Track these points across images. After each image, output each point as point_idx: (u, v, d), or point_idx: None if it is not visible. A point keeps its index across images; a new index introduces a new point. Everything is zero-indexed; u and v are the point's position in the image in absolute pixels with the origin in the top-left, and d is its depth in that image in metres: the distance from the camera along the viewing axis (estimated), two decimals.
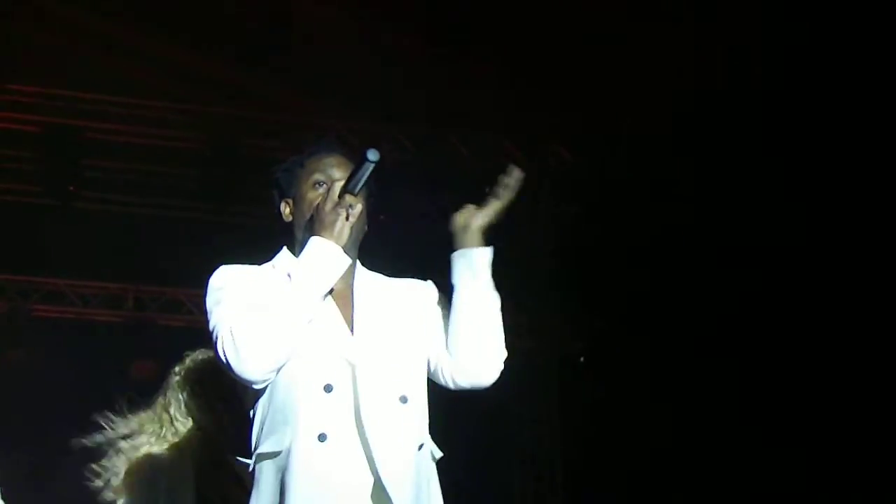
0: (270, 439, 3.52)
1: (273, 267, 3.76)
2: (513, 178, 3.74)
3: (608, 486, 10.23)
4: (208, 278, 3.69)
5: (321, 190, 3.71)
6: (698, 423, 9.38)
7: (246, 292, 3.56)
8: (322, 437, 3.44)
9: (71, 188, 10.23)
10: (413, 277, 3.89)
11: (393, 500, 3.43)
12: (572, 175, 10.82)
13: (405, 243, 3.84)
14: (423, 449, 3.59)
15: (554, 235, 10.81)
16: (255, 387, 3.50)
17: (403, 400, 3.57)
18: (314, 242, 3.54)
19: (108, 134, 10.31)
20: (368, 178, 3.57)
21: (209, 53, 9.91)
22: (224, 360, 3.44)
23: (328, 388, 3.49)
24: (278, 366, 3.46)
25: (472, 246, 3.70)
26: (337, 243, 3.53)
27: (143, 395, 5.42)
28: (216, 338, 3.48)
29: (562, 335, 10.91)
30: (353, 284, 3.72)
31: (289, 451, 3.46)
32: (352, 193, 3.56)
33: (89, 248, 10.62)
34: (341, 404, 3.49)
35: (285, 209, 3.82)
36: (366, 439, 3.46)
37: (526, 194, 3.73)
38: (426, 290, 3.84)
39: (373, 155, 3.51)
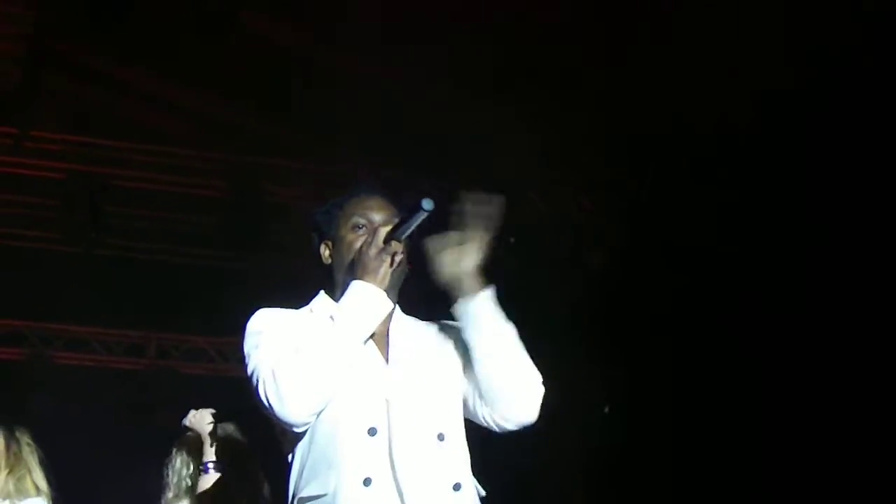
0: (313, 483, 3.47)
1: (311, 311, 3.73)
2: (482, 205, 3.58)
3: None
4: (245, 322, 3.70)
5: (361, 232, 3.68)
6: (722, 471, 9.31)
7: (286, 335, 3.54)
8: (367, 482, 3.40)
9: (93, 235, 10.21)
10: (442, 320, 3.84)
11: None
12: (594, 224, 10.77)
13: (428, 292, 3.79)
14: (461, 489, 3.52)
15: (575, 285, 10.74)
16: (296, 430, 3.47)
17: (441, 438, 3.53)
18: (358, 286, 3.50)
19: (131, 181, 10.31)
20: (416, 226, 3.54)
21: (232, 101, 9.91)
22: (266, 403, 3.42)
23: (372, 432, 3.46)
24: (320, 408, 3.44)
25: (468, 294, 3.59)
26: (380, 287, 3.50)
27: (166, 445, 5.42)
28: (256, 380, 3.46)
29: (585, 385, 10.83)
30: (389, 327, 3.68)
31: (334, 496, 3.41)
32: (398, 240, 3.53)
33: (111, 295, 10.63)
34: (384, 446, 3.45)
35: (324, 251, 3.79)
36: (403, 479, 3.41)
37: (548, 244, 3.68)
38: (457, 338, 3.74)
39: (428, 204, 3.45)
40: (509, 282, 3.69)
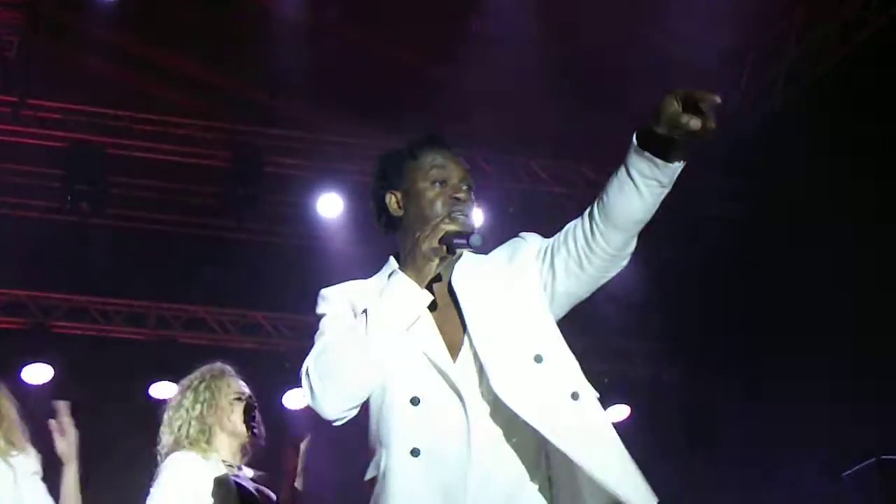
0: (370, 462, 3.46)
1: (381, 280, 3.60)
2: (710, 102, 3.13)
3: None
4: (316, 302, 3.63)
5: (439, 189, 3.60)
6: None
7: (336, 326, 3.50)
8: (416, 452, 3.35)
9: (92, 204, 10.19)
10: None
11: None
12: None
13: None
14: (578, 398, 3.42)
15: None
16: (335, 424, 3.42)
17: (539, 359, 3.43)
18: (399, 281, 3.42)
19: (131, 150, 10.30)
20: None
21: (232, 72, 9.88)
22: (306, 398, 3.41)
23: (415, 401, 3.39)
24: (353, 404, 3.40)
25: (674, 159, 3.26)
26: (420, 284, 3.40)
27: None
28: (301, 375, 3.45)
29: None
30: (451, 281, 3.56)
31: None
32: (451, 252, 3.43)
33: (111, 265, 10.61)
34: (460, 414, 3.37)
35: (391, 201, 3.67)
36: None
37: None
38: (524, 248, 3.61)
39: (476, 241, 3.37)
40: None
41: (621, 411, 11.55)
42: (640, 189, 3.32)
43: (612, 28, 8.89)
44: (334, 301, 3.58)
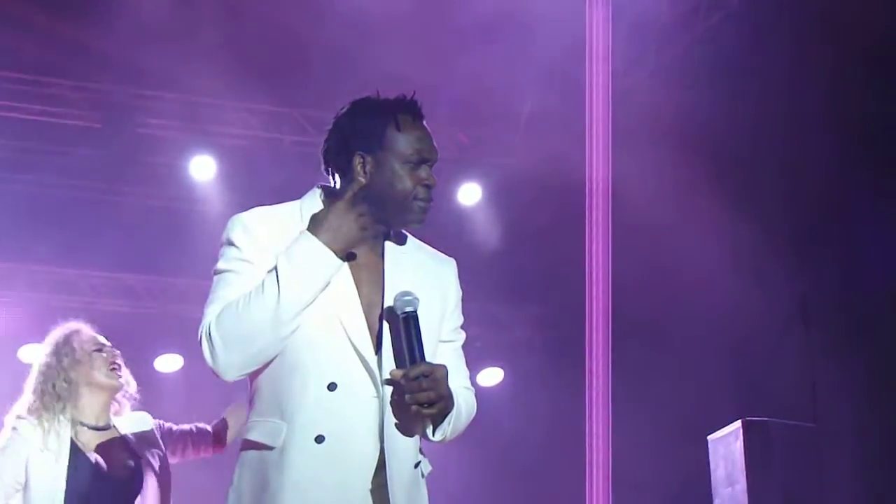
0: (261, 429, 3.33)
1: (300, 212, 3.38)
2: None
3: None
4: (226, 228, 3.38)
5: (415, 171, 3.37)
6: None
7: (245, 276, 3.29)
8: (319, 439, 3.24)
9: None
10: None
11: None
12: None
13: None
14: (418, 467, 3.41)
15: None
16: (228, 381, 3.30)
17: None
18: (313, 247, 3.22)
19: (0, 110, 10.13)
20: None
21: (102, 30, 9.73)
22: (203, 355, 3.26)
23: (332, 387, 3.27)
24: (254, 367, 3.27)
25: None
26: (334, 249, 3.23)
27: None
28: (200, 328, 3.27)
29: None
30: (384, 261, 3.43)
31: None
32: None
33: None
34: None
35: (358, 163, 3.35)
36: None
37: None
38: (450, 281, 3.57)
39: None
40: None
41: (495, 374, 11.69)
42: None
43: None
44: (254, 237, 3.32)
